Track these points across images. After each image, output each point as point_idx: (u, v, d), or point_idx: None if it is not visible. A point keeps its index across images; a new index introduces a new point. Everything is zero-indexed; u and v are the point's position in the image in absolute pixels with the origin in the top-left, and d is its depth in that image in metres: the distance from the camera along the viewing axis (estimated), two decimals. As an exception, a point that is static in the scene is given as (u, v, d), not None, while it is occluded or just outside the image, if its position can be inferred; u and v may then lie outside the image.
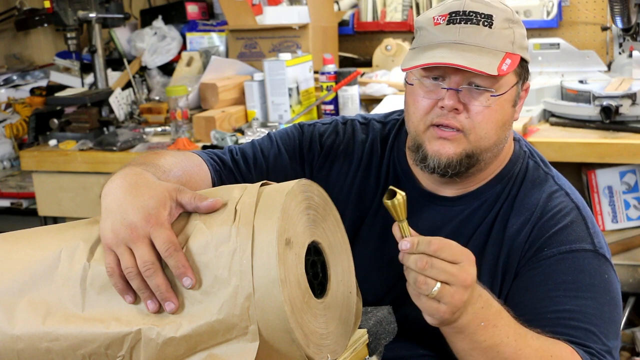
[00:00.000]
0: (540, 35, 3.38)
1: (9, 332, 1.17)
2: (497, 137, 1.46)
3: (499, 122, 1.45)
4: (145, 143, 3.10)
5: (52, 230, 1.26)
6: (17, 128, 3.65)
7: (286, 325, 1.08)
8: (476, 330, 1.27)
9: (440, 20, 1.44)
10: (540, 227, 1.46)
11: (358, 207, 1.58)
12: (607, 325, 1.40)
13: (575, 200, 1.50)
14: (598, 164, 2.75)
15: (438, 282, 1.19)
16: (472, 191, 1.53)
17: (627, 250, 2.72)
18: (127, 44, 3.90)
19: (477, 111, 1.42)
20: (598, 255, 1.45)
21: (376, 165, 1.60)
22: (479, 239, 1.50)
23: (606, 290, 1.43)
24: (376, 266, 1.46)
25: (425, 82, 1.45)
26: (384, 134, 1.63)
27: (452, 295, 1.20)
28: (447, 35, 1.43)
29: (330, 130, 1.64)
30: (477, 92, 1.42)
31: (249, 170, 1.59)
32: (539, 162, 1.56)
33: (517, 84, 1.47)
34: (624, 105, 2.64)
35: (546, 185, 1.51)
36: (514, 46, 1.44)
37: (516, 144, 1.57)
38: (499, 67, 1.39)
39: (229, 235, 1.12)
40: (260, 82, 3.13)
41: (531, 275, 1.45)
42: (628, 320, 2.78)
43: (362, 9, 3.71)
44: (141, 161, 1.35)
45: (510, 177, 1.53)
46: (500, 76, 1.40)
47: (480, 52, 1.40)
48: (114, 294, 1.15)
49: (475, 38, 1.41)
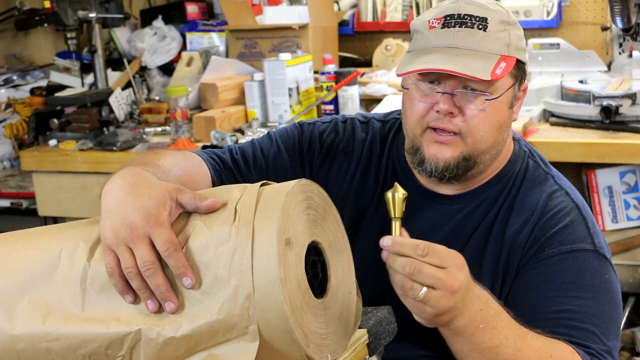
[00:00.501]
0: (540, 35, 3.38)
1: (9, 332, 1.17)
2: (494, 140, 1.46)
3: (495, 125, 1.45)
4: (145, 143, 3.10)
5: (52, 230, 1.26)
6: (17, 128, 3.65)
7: (286, 325, 1.08)
8: (474, 332, 1.28)
9: (436, 24, 1.45)
10: (541, 226, 1.46)
11: (357, 205, 1.58)
12: (607, 325, 1.40)
13: (576, 200, 1.50)
14: (598, 164, 2.75)
15: (424, 287, 1.19)
16: (472, 190, 1.53)
17: (627, 250, 2.72)
18: (127, 44, 3.90)
19: (472, 114, 1.43)
20: (598, 255, 1.45)
21: (376, 163, 1.61)
22: (479, 238, 1.51)
23: (606, 290, 1.43)
24: (375, 265, 1.46)
25: (421, 86, 1.46)
26: (383, 133, 1.63)
27: (437, 300, 1.20)
28: (442, 40, 1.43)
29: (330, 129, 1.65)
30: (473, 96, 1.42)
31: (248, 170, 1.59)
32: (539, 161, 1.56)
33: (514, 85, 1.47)
34: (624, 105, 2.64)
35: (546, 185, 1.51)
36: (510, 48, 1.43)
37: (516, 143, 1.57)
38: (493, 71, 1.39)
39: (229, 235, 1.12)
40: (260, 82, 3.13)
41: (532, 275, 1.45)
42: (628, 320, 2.78)
43: (362, 9, 3.71)
44: (141, 161, 1.35)
45: (510, 177, 1.53)
46: (494, 80, 1.41)
47: (475, 56, 1.40)
48: (114, 294, 1.15)
49: (470, 42, 1.41)
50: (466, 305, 1.25)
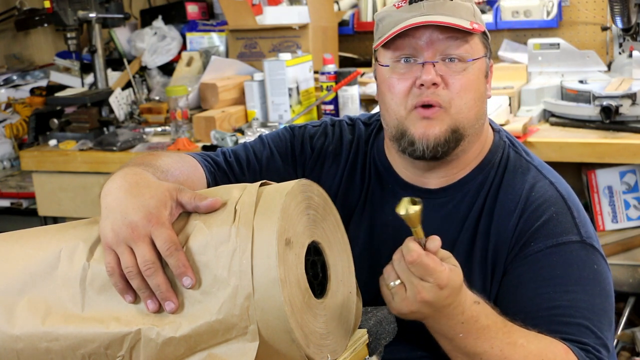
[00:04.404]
0: (540, 35, 3.38)
1: (8, 332, 1.17)
2: (477, 109, 1.47)
3: (476, 92, 1.46)
4: (145, 143, 3.10)
5: (52, 230, 1.26)
6: (17, 128, 3.65)
7: (286, 326, 1.08)
8: (454, 338, 1.30)
9: (402, 4, 1.47)
10: (525, 220, 1.46)
11: (345, 205, 1.59)
12: (599, 317, 1.40)
13: (560, 189, 1.49)
14: (598, 164, 2.75)
15: (399, 280, 1.22)
16: (455, 183, 1.53)
17: (627, 250, 2.72)
18: (127, 44, 3.90)
19: (454, 81, 1.44)
20: (586, 246, 1.44)
21: (361, 163, 1.62)
22: (467, 234, 1.50)
23: (596, 280, 1.42)
24: (366, 264, 1.47)
25: (398, 66, 1.46)
26: (367, 133, 1.65)
27: (402, 299, 1.22)
28: (413, 12, 1.45)
29: (320, 132, 1.66)
30: (452, 63, 1.44)
31: (242, 173, 1.60)
32: (521, 151, 1.56)
33: (485, 56, 1.50)
34: (624, 105, 2.64)
35: (529, 175, 1.51)
36: (476, 18, 1.47)
37: (496, 134, 1.57)
38: (471, 24, 1.43)
39: (228, 235, 1.12)
40: (260, 82, 3.13)
41: (520, 272, 1.44)
42: (628, 320, 2.78)
43: (362, 9, 3.71)
44: (139, 162, 1.35)
45: (491, 167, 1.53)
46: (474, 32, 1.44)
47: (449, 18, 1.43)
48: (114, 294, 1.15)
49: (441, 9, 1.44)
50: (444, 315, 1.26)
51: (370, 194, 1.59)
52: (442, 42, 1.43)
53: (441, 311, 1.25)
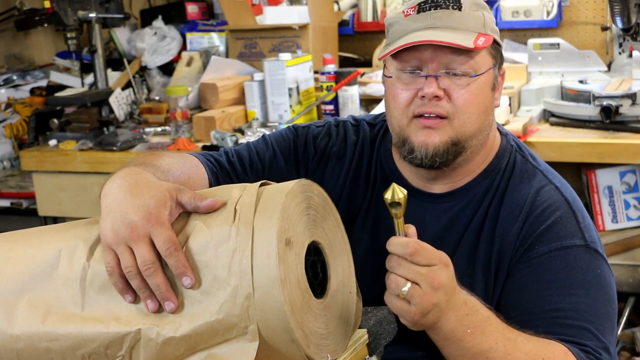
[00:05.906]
0: (540, 35, 3.38)
1: (8, 332, 1.17)
2: (480, 123, 1.47)
3: (480, 107, 1.46)
4: (145, 143, 3.10)
5: (51, 230, 1.26)
6: (17, 128, 3.65)
7: (286, 326, 1.08)
8: (463, 337, 1.28)
9: (411, 12, 1.47)
10: (530, 223, 1.46)
11: (349, 207, 1.59)
12: (601, 321, 1.40)
13: (565, 194, 1.49)
14: (598, 164, 2.75)
15: (408, 283, 1.20)
16: (460, 187, 1.53)
17: (627, 250, 2.72)
18: (127, 44, 3.90)
19: (457, 95, 1.44)
20: (589, 250, 1.44)
21: (366, 165, 1.62)
22: (470, 237, 1.50)
23: (599, 285, 1.42)
24: (369, 266, 1.47)
25: (403, 76, 1.46)
26: (373, 135, 1.65)
27: (421, 296, 1.20)
28: (419, 23, 1.45)
29: (324, 133, 1.66)
30: (456, 77, 1.44)
31: (245, 172, 1.60)
32: (527, 156, 1.56)
33: (494, 67, 1.49)
34: (624, 105, 2.64)
35: (535, 179, 1.51)
36: (486, 28, 1.46)
37: (503, 138, 1.57)
38: (475, 41, 1.42)
39: (228, 235, 1.12)
40: (260, 82, 3.13)
41: (523, 274, 1.44)
42: (628, 320, 2.78)
43: (362, 9, 3.71)
44: (140, 162, 1.35)
45: (497, 172, 1.53)
46: (477, 49, 1.42)
47: (454, 32, 1.42)
48: (114, 294, 1.15)
49: (448, 21, 1.43)
50: (451, 307, 1.25)
51: (376, 196, 1.59)
52: (446, 56, 1.43)
53: (450, 302, 1.24)
